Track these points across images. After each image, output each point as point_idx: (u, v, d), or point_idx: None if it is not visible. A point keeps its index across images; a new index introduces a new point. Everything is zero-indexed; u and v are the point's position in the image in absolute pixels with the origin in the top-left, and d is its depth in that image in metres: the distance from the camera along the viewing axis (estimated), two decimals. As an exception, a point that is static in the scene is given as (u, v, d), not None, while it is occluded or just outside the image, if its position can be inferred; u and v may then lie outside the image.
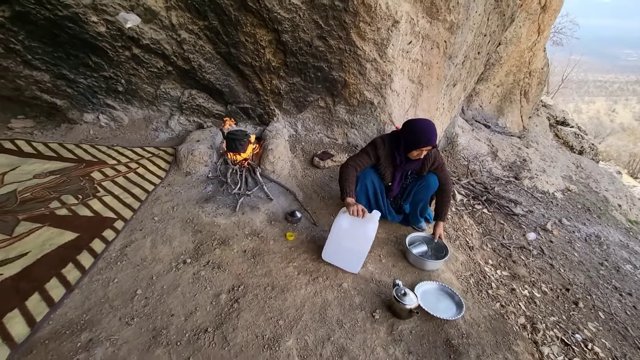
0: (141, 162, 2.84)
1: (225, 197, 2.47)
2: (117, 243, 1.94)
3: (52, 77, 3.01)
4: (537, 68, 8.50)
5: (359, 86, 3.08)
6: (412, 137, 1.97)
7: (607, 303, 2.68)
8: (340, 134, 3.48)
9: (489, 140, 5.93)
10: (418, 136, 1.95)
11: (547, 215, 4.07)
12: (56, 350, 1.34)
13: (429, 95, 3.44)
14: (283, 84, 3.13)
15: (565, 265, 3.06)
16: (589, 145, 9.62)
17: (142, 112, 3.41)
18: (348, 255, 1.92)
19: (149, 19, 2.76)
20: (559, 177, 5.49)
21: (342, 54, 2.87)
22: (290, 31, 2.74)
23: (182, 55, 2.96)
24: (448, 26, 3.04)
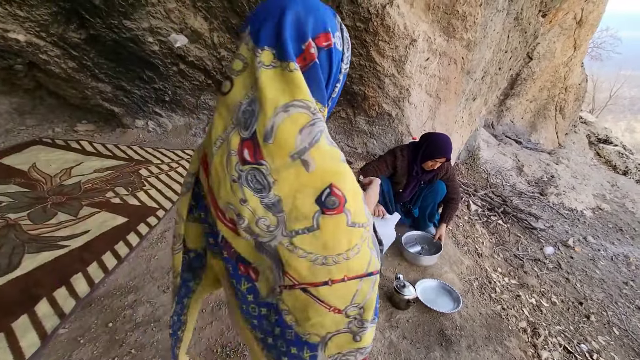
0: (181, 162, 3.23)
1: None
2: (158, 228, 2.28)
3: (112, 88, 3.53)
4: (574, 84, 8.25)
5: (378, 99, 3.31)
6: (429, 148, 2.16)
7: (625, 321, 2.63)
8: (360, 144, 3.70)
9: (515, 155, 5.86)
10: (434, 148, 2.13)
11: (571, 231, 3.98)
12: (109, 306, 1.66)
13: (446, 108, 3.58)
14: (308, 96, 3.42)
15: (583, 281, 3.01)
16: (635, 165, 9.04)
17: (184, 120, 3.85)
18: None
19: (195, 39, 3.19)
20: (590, 195, 5.30)
21: (362, 69, 3.12)
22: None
23: (220, 70, 3.36)
24: (465, 44, 3.20)
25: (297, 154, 0.50)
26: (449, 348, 1.64)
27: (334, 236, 0.52)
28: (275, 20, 0.50)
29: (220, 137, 0.54)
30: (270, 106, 0.49)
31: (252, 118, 0.50)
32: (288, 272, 0.53)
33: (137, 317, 1.62)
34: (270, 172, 0.50)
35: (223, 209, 0.55)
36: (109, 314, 1.61)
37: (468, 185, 3.96)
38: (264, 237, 0.53)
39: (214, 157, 0.54)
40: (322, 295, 0.54)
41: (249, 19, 0.54)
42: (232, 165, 0.51)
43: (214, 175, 0.55)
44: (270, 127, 0.49)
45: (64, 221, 2.23)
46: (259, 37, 0.51)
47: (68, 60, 3.25)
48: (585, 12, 6.95)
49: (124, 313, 1.63)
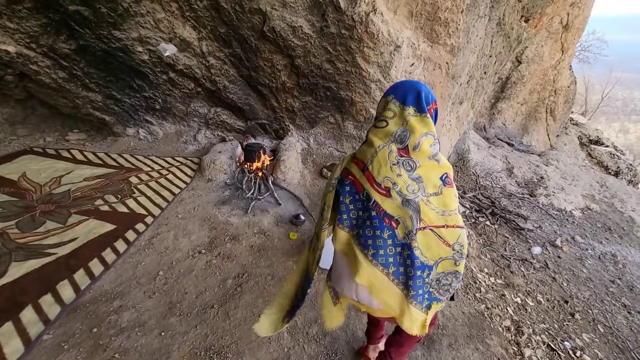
0: (171, 169, 3.26)
1: (239, 201, 2.80)
2: (146, 234, 2.30)
3: (103, 97, 3.57)
4: (563, 86, 8.39)
5: (365, 104, 3.37)
6: None
7: (610, 318, 2.66)
8: (349, 148, 3.75)
9: (505, 157, 5.93)
10: None
11: (560, 231, 4.03)
12: (94, 312, 1.68)
13: (433, 112, 3.65)
14: (296, 103, 3.48)
15: (570, 280, 3.06)
16: (627, 165, 9.15)
17: (175, 127, 3.89)
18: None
19: (184, 48, 3.25)
20: (579, 196, 5.37)
21: (348, 75, 3.19)
22: (303, 56, 3.11)
23: (209, 78, 3.41)
24: (449, 49, 3.28)
25: (432, 156, 1.03)
26: (430, 347, 1.67)
27: (449, 199, 1.02)
28: (415, 93, 1.04)
29: (380, 145, 1.04)
30: (418, 133, 1.01)
31: (405, 138, 1.03)
32: (423, 219, 1.00)
33: (122, 322, 1.64)
34: (416, 162, 1.01)
35: (380, 182, 1.03)
36: (93, 320, 1.63)
37: (457, 187, 4.01)
38: (410, 196, 1.00)
39: (377, 154, 1.04)
40: (441, 234, 1.01)
41: (393, 91, 1.08)
42: (392, 157, 1.02)
43: (376, 163, 1.04)
44: (417, 143, 1.01)
45: (52, 229, 2.25)
46: (406, 101, 1.04)
47: (58, 71, 3.29)
48: (571, 16, 7.10)
49: (109, 318, 1.65)
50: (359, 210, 1.08)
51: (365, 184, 1.04)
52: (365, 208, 1.05)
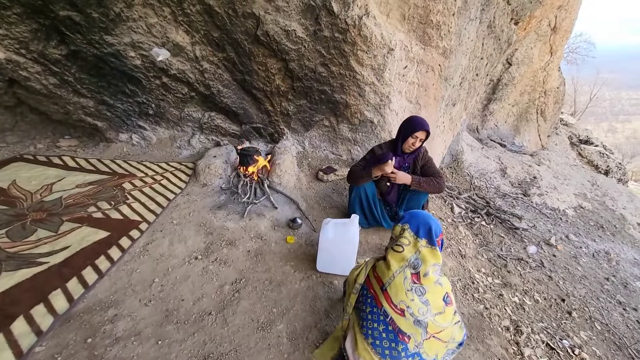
0: (165, 175, 3.22)
1: (235, 205, 2.78)
2: (140, 241, 2.26)
3: (95, 103, 3.53)
4: (553, 87, 8.52)
5: (360, 107, 3.38)
6: (407, 126, 2.30)
7: (607, 316, 2.69)
8: (345, 151, 3.76)
9: (498, 158, 6.00)
10: (412, 123, 2.27)
11: (554, 230, 4.07)
12: (88, 321, 1.64)
13: (427, 114, 3.67)
14: (291, 106, 3.48)
15: (566, 278, 3.08)
16: (616, 164, 9.31)
17: (168, 132, 3.86)
18: (339, 262, 2.12)
19: (177, 52, 3.23)
20: (572, 195, 5.44)
21: (343, 78, 3.20)
22: (297, 60, 3.11)
23: (203, 82, 3.40)
24: (441, 51, 3.31)
25: (436, 282, 1.31)
26: (431, 349, 1.66)
27: (449, 315, 1.32)
28: (427, 227, 1.36)
29: (397, 270, 1.32)
30: (428, 263, 1.31)
31: (418, 266, 1.31)
32: (429, 331, 1.27)
33: (117, 331, 1.60)
34: (425, 288, 1.29)
35: (396, 304, 1.28)
36: (88, 330, 1.59)
37: (452, 188, 4.03)
38: (420, 317, 1.26)
39: (394, 279, 1.31)
40: (440, 337, 1.29)
41: (408, 220, 1.41)
42: (407, 283, 1.30)
43: (393, 287, 1.31)
44: (427, 272, 1.31)
45: (44, 237, 2.20)
46: (419, 233, 1.36)
47: (49, 77, 3.24)
48: (559, 19, 7.23)
49: (104, 328, 1.61)
50: (376, 322, 1.32)
51: (384, 303, 1.30)
52: (382, 322, 1.30)
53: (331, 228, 2.08)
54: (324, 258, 2.13)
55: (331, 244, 2.06)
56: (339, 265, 2.13)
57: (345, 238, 2.05)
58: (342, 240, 2.05)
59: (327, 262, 2.14)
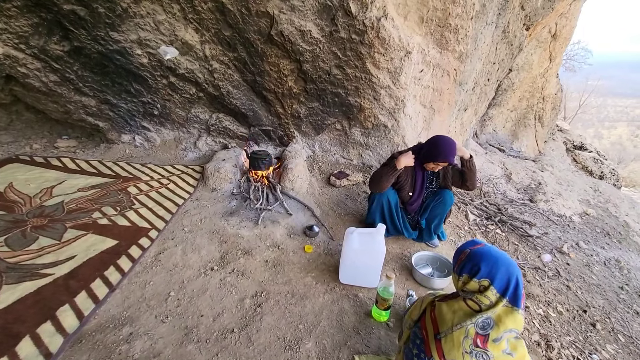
0: (171, 178, 3.08)
1: (248, 212, 2.65)
2: (151, 250, 2.12)
3: (97, 102, 3.37)
4: (551, 94, 8.60)
5: (374, 110, 3.29)
6: (431, 150, 2.14)
7: (627, 327, 2.64)
8: (356, 155, 3.67)
9: (502, 163, 5.98)
10: (436, 151, 2.10)
11: (564, 238, 4.04)
12: (102, 341, 1.50)
13: (440, 119, 3.61)
14: (303, 109, 3.37)
15: (582, 288, 3.03)
16: (610, 170, 9.42)
17: (173, 134, 3.71)
18: (364, 273, 2.02)
19: (186, 51, 3.10)
20: (576, 201, 5.44)
21: (358, 81, 3.11)
22: (311, 61, 3.01)
23: (212, 83, 3.27)
24: (457, 56, 3.26)
25: (506, 351, 1.04)
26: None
27: None
28: (515, 283, 1.05)
29: (458, 324, 1.07)
30: (502, 327, 1.03)
31: (488, 327, 1.04)
32: None
33: (134, 352, 1.47)
34: (489, 356, 1.03)
35: (447, 357, 1.07)
36: (102, 351, 1.45)
37: (464, 194, 3.97)
38: None
39: (453, 332, 1.07)
40: None
41: (489, 273, 1.08)
42: (467, 344, 1.05)
43: (449, 340, 1.07)
44: (499, 337, 1.03)
45: (46, 246, 2.05)
46: (506, 292, 1.05)
47: (49, 74, 3.08)
48: (559, 26, 7.30)
49: (119, 349, 1.47)
50: None
51: (434, 352, 1.11)
52: None
53: (356, 238, 1.98)
54: (348, 269, 2.03)
55: (356, 255, 1.96)
56: (364, 277, 2.03)
57: (372, 248, 1.95)
58: (368, 251, 1.95)
59: (351, 274, 2.04)
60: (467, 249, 1.17)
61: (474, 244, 1.18)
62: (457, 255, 1.20)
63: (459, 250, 1.21)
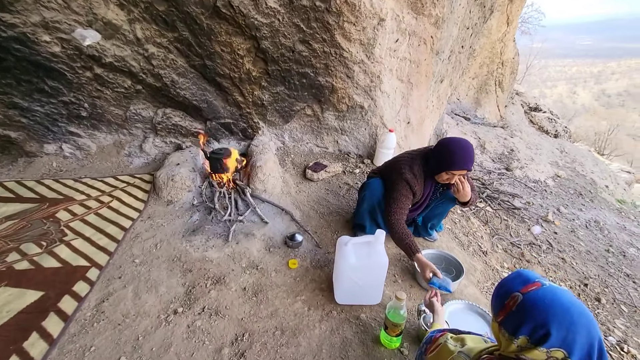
0: (115, 194, 2.52)
1: (214, 226, 2.21)
2: (91, 298, 1.64)
3: (2, 107, 2.65)
4: (509, 58, 8.63)
5: (348, 90, 2.89)
6: (444, 156, 1.71)
7: (626, 294, 2.59)
8: (331, 142, 3.28)
9: (475, 133, 5.90)
10: (451, 157, 1.68)
11: (545, 205, 4.01)
12: None
13: (418, 93, 3.30)
14: (266, 95, 2.89)
15: (575, 258, 2.96)
16: (562, 128, 9.85)
17: (112, 137, 3.08)
18: (365, 290, 1.69)
19: (111, 34, 2.47)
20: (547, 164, 5.51)
21: (327, 57, 2.68)
22: (270, 37, 2.52)
23: (151, 71, 2.68)
24: (434, 21, 2.91)
25: None
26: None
27: None
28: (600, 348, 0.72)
29: None
30: None
31: None
32: None
33: None
34: None
35: None
36: None
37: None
38: None
39: None
40: None
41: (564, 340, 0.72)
42: None
43: None
44: None
45: (-63, 315, 1.49)
46: None
47: None
48: (515, -12, 7.19)
49: None
50: None
51: None
52: None
53: (352, 251, 1.63)
54: (345, 288, 1.69)
55: (354, 272, 1.62)
56: (364, 294, 1.71)
57: (372, 262, 1.62)
58: (367, 266, 1.61)
59: (349, 293, 1.70)
60: (516, 291, 0.79)
61: (526, 281, 0.80)
62: (501, 298, 0.82)
63: (502, 292, 0.82)
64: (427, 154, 1.85)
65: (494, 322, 0.84)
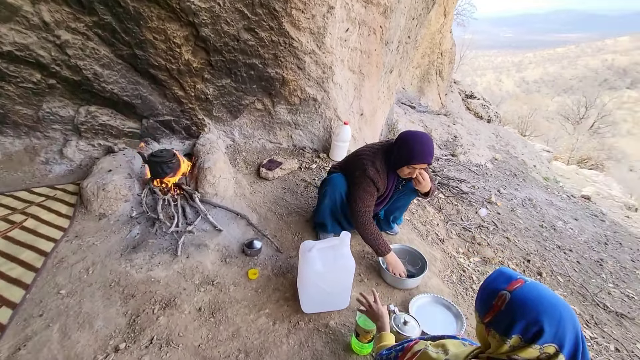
0: (30, 210, 2.11)
1: (160, 240, 1.95)
2: (2, 348, 1.33)
3: None
4: (447, 49, 9.11)
5: (299, 82, 2.75)
6: (405, 150, 1.69)
7: (559, 265, 2.87)
8: (284, 137, 3.12)
9: (421, 121, 6.13)
10: (412, 151, 1.66)
11: (487, 187, 4.31)
12: None
13: (370, 84, 3.27)
14: (210, 88, 2.63)
15: (517, 235, 3.22)
16: (494, 113, 10.78)
17: (21, 142, 2.58)
18: (332, 296, 1.61)
19: (7, 16, 2.02)
20: (486, 148, 5.95)
21: (276, 47, 2.49)
22: (211, 24, 2.26)
23: (66, 63, 2.26)
24: (382, 10, 2.87)
25: None
26: None
27: None
28: (581, 338, 0.74)
29: None
30: None
31: None
32: None
33: None
34: None
35: None
36: None
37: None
38: None
39: None
40: None
41: (554, 337, 0.72)
42: None
43: None
44: None
45: None
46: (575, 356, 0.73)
47: None
48: (451, -19, 7.53)
49: None
50: None
51: None
52: None
53: (317, 257, 1.53)
54: (312, 296, 1.59)
55: (321, 278, 1.52)
56: (332, 300, 1.63)
57: (339, 265, 1.54)
58: (335, 271, 1.53)
59: (316, 301, 1.61)
60: (501, 289, 0.77)
61: (509, 278, 0.78)
62: (487, 299, 0.79)
63: (488, 292, 0.80)
64: (388, 148, 1.81)
65: (479, 324, 0.81)
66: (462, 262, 2.36)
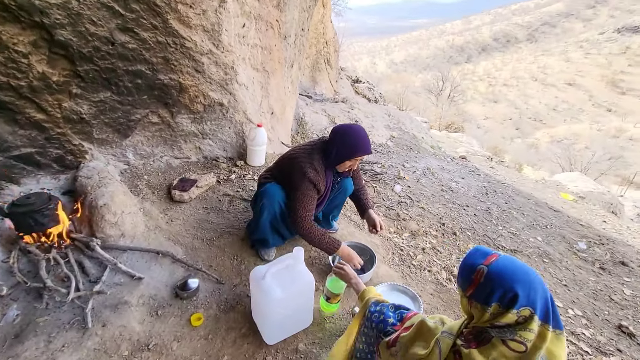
0: None
1: (56, 314, 1.48)
2: None
3: None
4: (330, 38, 9.55)
5: (201, 87, 2.43)
6: (346, 145, 1.68)
7: (465, 221, 3.36)
8: (192, 150, 2.76)
9: (324, 110, 6.31)
10: (353, 144, 1.67)
11: (394, 164, 4.73)
12: None
13: (275, 81, 3.14)
14: (84, 105, 2.09)
15: (428, 203, 3.62)
16: (379, 94, 11.96)
17: None
18: (296, 317, 1.50)
19: None
20: (383, 129, 6.52)
21: (164, 49, 2.12)
22: (69, 24, 1.76)
23: None
24: (276, 3, 2.74)
25: None
26: None
27: None
28: (551, 300, 0.84)
29: None
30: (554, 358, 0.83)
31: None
32: None
33: None
34: None
35: None
36: None
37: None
38: None
39: None
40: None
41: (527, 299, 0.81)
42: None
43: None
44: None
45: None
46: (548, 317, 0.82)
47: None
48: (323, -29, 7.81)
49: None
50: None
51: None
52: None
53: (273, 282, 1.38)
54: (275, 325, 1.45)
55: (282, 305, 1.38)
56: (296, 322, 1.52)
57: (299, 286, 1.43)
58: (295, 292, 1.42)
59: (279, 328, 1.47)
60: (479, 264, 0.85)
61: (485, 254, 0.87)
62: (467, 274, 0.87)
63: (467, 268, 0.87)
64: (322, 146, 1.75)
65: (462, 298, 0.89)
66: (397, 241, 2.52)
